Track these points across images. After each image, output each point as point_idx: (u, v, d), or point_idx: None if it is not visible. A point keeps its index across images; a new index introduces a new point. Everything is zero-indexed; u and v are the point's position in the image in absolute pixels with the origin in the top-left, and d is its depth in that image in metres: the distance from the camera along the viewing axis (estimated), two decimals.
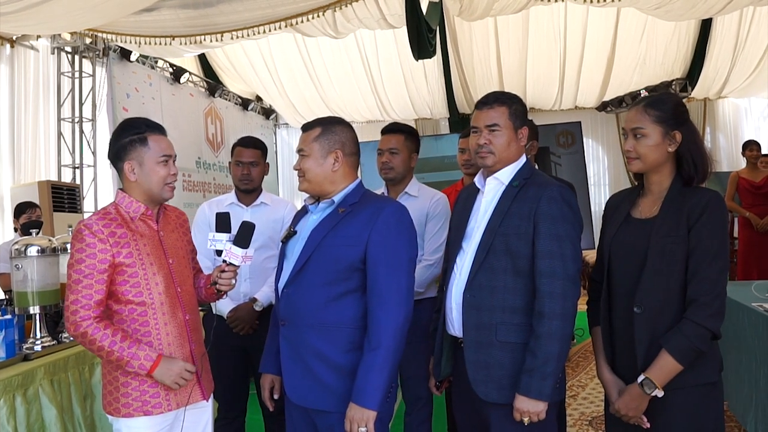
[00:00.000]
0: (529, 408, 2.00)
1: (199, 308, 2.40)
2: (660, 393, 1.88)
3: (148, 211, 2.19)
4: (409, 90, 10.50)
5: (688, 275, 1.89)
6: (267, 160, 3.31)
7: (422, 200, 2.97)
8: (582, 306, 2.15)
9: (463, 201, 2.35)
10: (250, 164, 3.16)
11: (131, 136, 2.15)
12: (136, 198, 2.17)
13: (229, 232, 2.19)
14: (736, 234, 7.15)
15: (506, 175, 2.21)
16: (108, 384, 2.13)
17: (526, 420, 2.00)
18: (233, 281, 2.20)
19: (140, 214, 2.16)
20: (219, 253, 2.19)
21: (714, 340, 1.87)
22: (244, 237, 2.15)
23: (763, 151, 7.07)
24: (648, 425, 1.93)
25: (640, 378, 1.90)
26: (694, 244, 1.88)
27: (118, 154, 2.17)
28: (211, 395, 2.35)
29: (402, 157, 3.05)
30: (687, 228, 1.90)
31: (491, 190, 2.22)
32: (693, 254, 1.88)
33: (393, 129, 3.12)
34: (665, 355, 1.86)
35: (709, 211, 1.88)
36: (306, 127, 2.20)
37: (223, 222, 2.20)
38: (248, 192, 3.19)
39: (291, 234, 2.21)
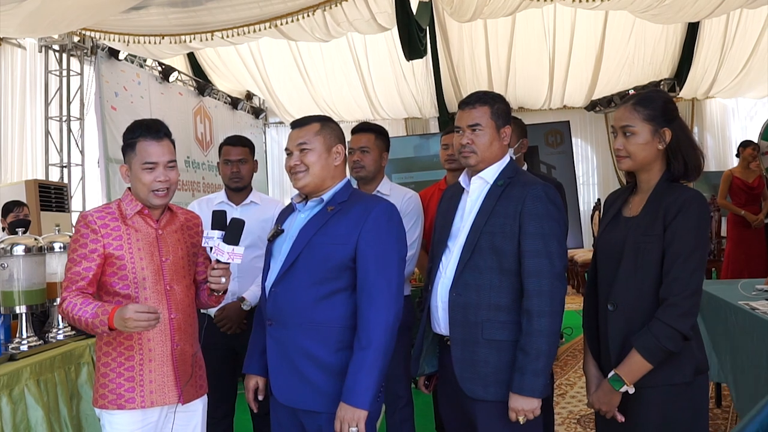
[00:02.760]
0: (524, 406, 2.01)
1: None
2: (630, 389, 1.91)
3: (145, 210, 2.22)
4: (399, 89, 10.51)
5: (662, 274, 1.90)
6: (255, 158, 3.31)
7: (394, 199, 2.98)
8: (572, 305, 2.18)
9: (447, 200, 2.37)
10: (239, 162, 3.16)
11: (127, 140, 2.21)
12: (136, 197, 2.22)
13: (224, 229, 2.17)
14: (724, 233, 7.18)
15: (490, 174, 2.22)
16: (96, 374, 2.21)
17: (521, 419, 2.02)
18: (223, 280, 2.16)
19: (136, 212, 2.20)
20: (212, 250, 2.18)
21: (685, 341, 1.87)
22: (232, 234, 2.12)
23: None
24: (622, 419, 1.96)
25: (610, 374, 1.94)
26: (669, 243, 1.89)
27: (123, 156, 2.24)
28: (201, 398, 2.33)
29: (373, 155, 3.08)
30: (663, 226, 1.91)
31: (476, 189, 2.24)
32: (667, 253, 1.89)
33: (364, 128, 3.16)
34: (634, 354, 1.89)
35: (685, 210, 1.89)
36: (303, 122, 2.18)
37: (218, 220, 2.18)
38: (239, 190, 3.19)
39: (278, 233, 2.20)
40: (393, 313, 2.00)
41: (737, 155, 6.94)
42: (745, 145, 6.86)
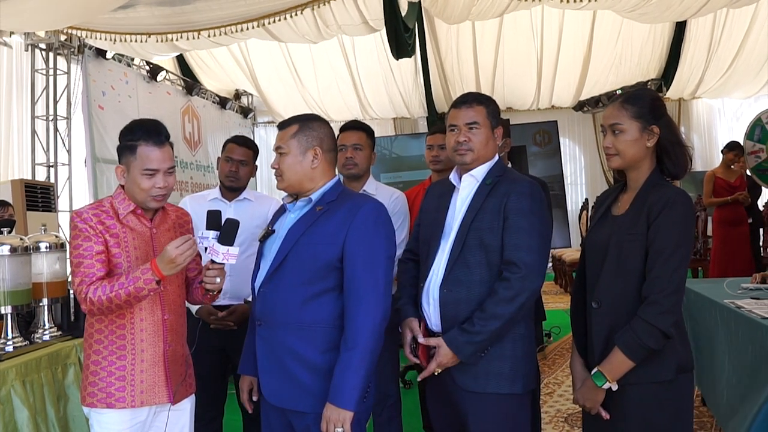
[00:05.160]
0: (450, 362, 2.10)
1: None
2: (614, 386, 1.93)
3: (138, 210, 2.21)
4: (388, 89, 10.52)
5: (645, 272, 1.92)
6: (256, 164, 3.29)
7: (381, 198, 2.96)
8: (559, 304, 2.20)
9: (436, 198, 2.38)
10: (240, 162, 3.14)
11: (126, 141, 2.18)
12: (130, 198, 2.21)
13: (219, 230, 2.15)
14: (710, 232, 7.24)
15: (480, 172, 2.25)
16: (83, 372, 2.19)
17: (437, 372, 2.09)
18: (218, 280, 2.14)
19: (129, 212, 2.19)
20: (207, 250, 2.17)
21: (667, 339, 1.88)
22: (227, 234, 2.10)
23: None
24: (607, 416, 1.98)
25: (593, 371, 1.96)
26: (651, 241, 1.91)
27: (117, 155, 2.22)
28: (189, 397, 2.33)
29: (365, 153, 3.10)
30: (647, 225, 1.93)
31: (466, 187, 2.27)
32: (650, 251, 1.91)
33: (355, 126, 3.17)
34: (616, 351, 1.91)
35: (669, 208, 1.90)
36: (283, 125, 2.18)
37: (213, 220, 2.15)
38: (233, 190, 3.17)
39: (269, 233, 2.19)
40: (380, 314, 2.00)
41: (726, 156, 7.02)
42: (732, 147, 6.95)
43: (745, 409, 2.75)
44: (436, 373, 2.11)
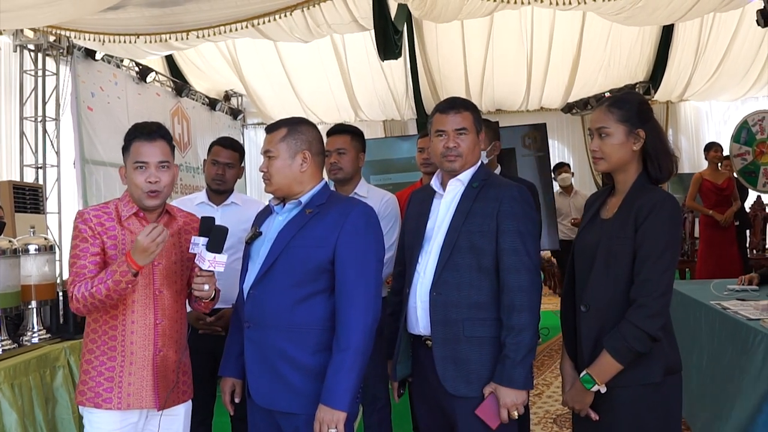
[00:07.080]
0: (515, 399, 2.05)
1: None
2: (602, 389, 1.94)
3: (141, 213, 2.23)
4: (378, 91, 10.52)
5: (633, 275, 1.94)
6: (242, 164, 3.28)
7: (372, 201, 2.97)
8: (549, 305, 2.22)
9: (418, 203, 2.39)
10: (226, 165, 3.12)
11: (124, 142, 2.23)
12: (131, 199, 2.24)
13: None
14: (697, 234, 7.29)
15: (466, 176, 2.27)
16: (79, 372, 2.23)
17: (515, 414, 2.06)
18: (206, 287, 2.13)
19: (131, 214, 2.21)
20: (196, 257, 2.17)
21: (654, 342, 1.90)
22: (215, 241, 2.09)
23: (724, 153, 7.22)
24: (596, 417, 1.99)
25: (582, 374, 1.98)
26: (639, 244, 1.93)
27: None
28: (184, 404, 2.32)
29: (350, 156, 3.08)
30: (635, 228, 1.94)
31: (451, 191, 2.28)
32: (638, 254, 1.93)
33: (339, 130, 3.17)
34: (605, 354, 1.92)
35: (656, 212, 1.92)
36: (271, 128, 2.19)
37: (206, 226, 2.14)
38: (220, 193, 3.17)
39: (256, 235, 2.20)
40: (371, 315, 2.02)
41: (706, 158, 7.07)
42: (709, 147, 7.00)
43: (724, 409, 2.77)
44: (516, 415, 2.07)
